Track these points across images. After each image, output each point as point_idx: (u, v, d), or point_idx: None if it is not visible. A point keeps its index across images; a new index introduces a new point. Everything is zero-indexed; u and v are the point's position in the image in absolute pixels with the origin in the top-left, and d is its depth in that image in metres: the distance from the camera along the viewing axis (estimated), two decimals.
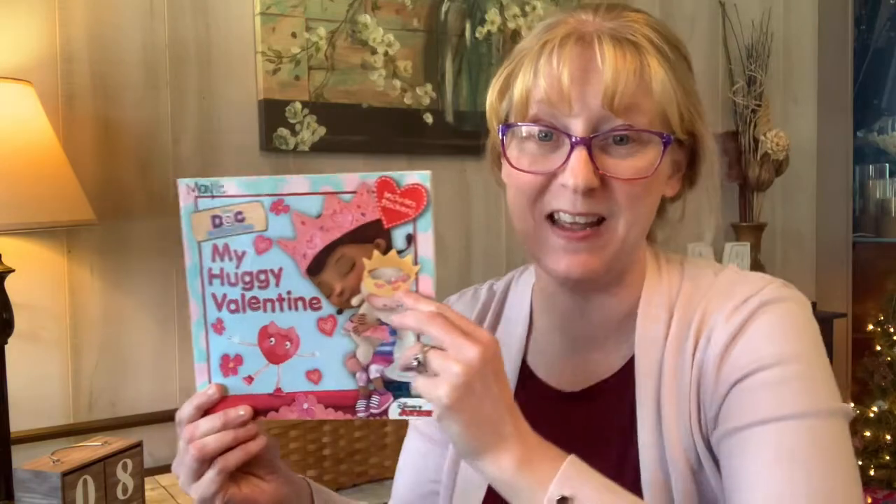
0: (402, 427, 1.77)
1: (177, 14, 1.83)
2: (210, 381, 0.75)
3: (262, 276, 0.73)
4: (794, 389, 0.73)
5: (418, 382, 0.67)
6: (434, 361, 0.66)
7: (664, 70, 0.77)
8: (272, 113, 1.93)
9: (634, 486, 0.78)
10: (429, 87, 2.14)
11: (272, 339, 0.74)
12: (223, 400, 0.75)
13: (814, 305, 2.36)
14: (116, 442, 1.44)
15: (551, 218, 0.79)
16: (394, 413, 0.72)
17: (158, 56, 1.82)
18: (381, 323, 0.71)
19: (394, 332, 0.71)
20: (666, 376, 0.80)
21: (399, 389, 0.71)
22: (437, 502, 0.92)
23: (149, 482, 1.58)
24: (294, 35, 1.95)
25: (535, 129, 0.78)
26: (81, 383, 1.75)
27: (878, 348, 2.84)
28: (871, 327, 2.91)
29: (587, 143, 0.76)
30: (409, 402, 0.71)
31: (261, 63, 1.92)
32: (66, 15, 1.72)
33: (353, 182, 0.70)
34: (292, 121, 1.95)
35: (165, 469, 1.77)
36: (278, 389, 0.74)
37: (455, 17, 2.18)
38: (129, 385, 1.80)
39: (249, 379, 0.75)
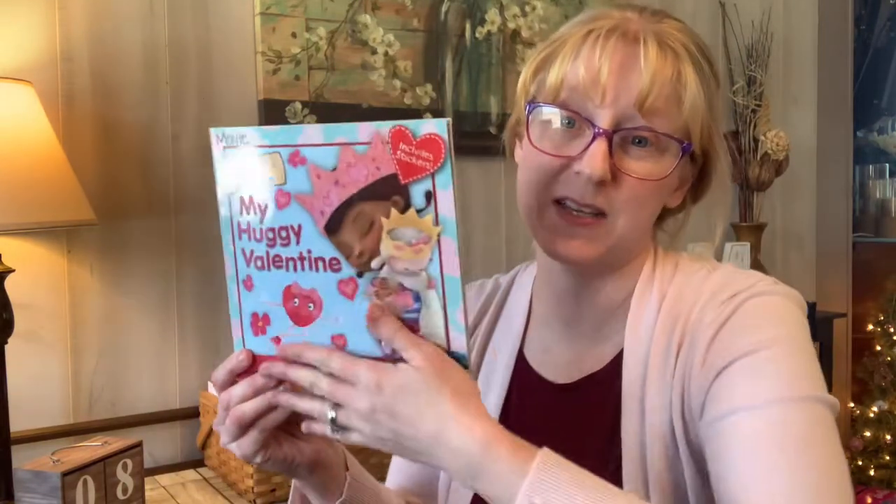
0: None
1: (177, 14, 1.83)
2: (243, 340, 0.73)
3: (284, 233, 0.67)
4: (768, 377, 0.72)
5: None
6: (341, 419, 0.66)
7: (697, 83, 0.78)
8: (272, 113, 1.93)
9: (615, 476, 0.78)
10: (429, 87, 2.14)
11: (296, 299, 0.69)
12: (255, 361, 0.72)
13: (814, 305, 2.36)
14: (116, 442, 1.44)
15: (557, 202, 0.80)
16: None
17: (158, 56, 1.81)
18: (403, 288, 0.65)
19: (418, 297, 0.64)
20: (651, 367, 0.80)
21: None
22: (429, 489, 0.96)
23: (149, 482, 1.58)
24: (294, 35, 1.95)
25: (562, 113, 0.79)
26: (81, 383, 1.74)
27: (878, 348, 2.84)
28: (871, 327, 2.91)
29: (609, 136, 0.77)
30: None
31: (261, 63, 1.92)
32: (66, 15, 1.72)
33: (367, 132, 0.62)
34: (292, 121, 1.95)
35: (165, 469, 1.78)
36: None
37: (455, 17, 2.18)
38: (129, 385, 1.79)
39: (277, 340, 0.70)
